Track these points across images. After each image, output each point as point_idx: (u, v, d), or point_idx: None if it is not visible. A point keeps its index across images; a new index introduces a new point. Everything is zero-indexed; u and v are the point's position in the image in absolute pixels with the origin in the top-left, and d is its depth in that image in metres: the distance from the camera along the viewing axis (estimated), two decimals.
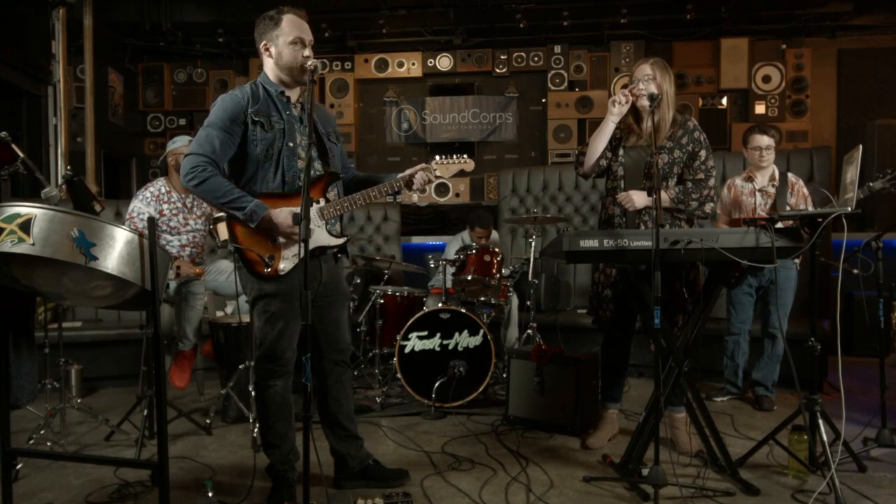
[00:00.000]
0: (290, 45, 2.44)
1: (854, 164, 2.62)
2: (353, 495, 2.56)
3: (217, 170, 2.37)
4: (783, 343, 3.82)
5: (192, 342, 3.88)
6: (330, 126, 2.67)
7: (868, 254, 3.24)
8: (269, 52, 2.48)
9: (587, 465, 2.95)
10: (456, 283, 4.25)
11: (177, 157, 3.84)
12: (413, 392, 3.88)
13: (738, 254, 2.53)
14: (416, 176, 2.54)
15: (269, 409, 2.53)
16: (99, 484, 2.75)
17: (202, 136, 2.38)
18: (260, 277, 2.43)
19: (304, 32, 2.47)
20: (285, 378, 2.53)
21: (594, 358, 3.56)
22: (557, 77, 7.11)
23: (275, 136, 2.45)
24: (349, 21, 6.82)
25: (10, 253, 1.87)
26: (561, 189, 5.76)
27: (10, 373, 2.46)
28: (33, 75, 5.43)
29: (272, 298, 2.45)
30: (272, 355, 2.48)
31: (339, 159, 2.68)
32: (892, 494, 2.61)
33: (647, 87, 2.93)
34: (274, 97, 2.49)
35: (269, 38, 2.47)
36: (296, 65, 2.44)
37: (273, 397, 2.52)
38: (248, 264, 2.43)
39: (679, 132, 3.01)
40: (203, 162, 2.34)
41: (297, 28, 2.46)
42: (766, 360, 3.89)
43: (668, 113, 3.00)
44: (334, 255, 2.64)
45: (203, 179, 2.33)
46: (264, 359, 2.49)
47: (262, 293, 2.46)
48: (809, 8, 6.36)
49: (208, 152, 2.36)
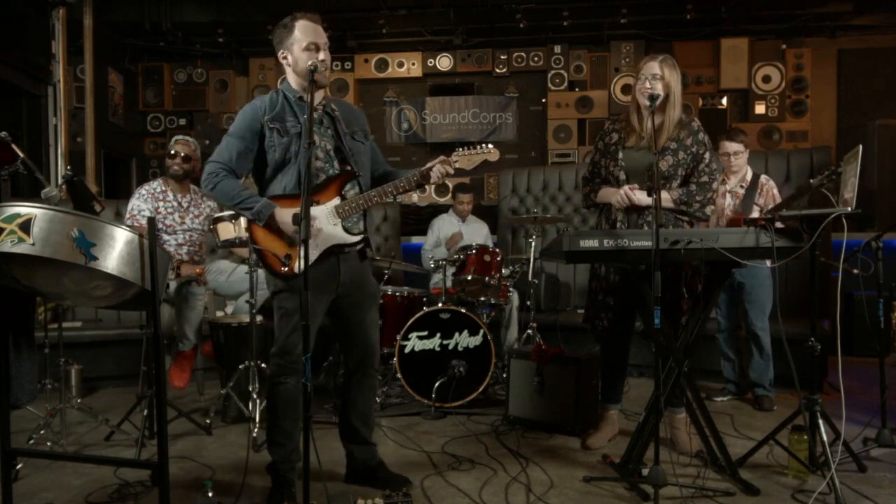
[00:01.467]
0: (304, 50, 2.48)
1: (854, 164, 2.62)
2: (354, 495, 2.56)
3: (232, 175, 2.49)
4: (767, 341, 3.84)
5: (193, 342, 3.88)
6: (357, 125, 2.69)
7: (868, 254, 3.24)
8: (286, 61, 2.54)
9: (587, 465, 2.95)
10: (456, 283, 4.25)
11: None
12: (413, 392, 3.88)
13: (738, 254, 2.53)
14: (434, 169, 2.54)
15: (279, 406, 2.55)
16: (99, 484, 2.75)
17: (222, 145, 2.52)
18: (277, 276, 2.51)
19: (318, 36, 2.50)
20: (297, 376, 2.54)
21: (594, 358, 3.56)
22: (557, 77, 7.11)
23: (291, 140, 2.50)
24: (349, 21, 6.82)
25: (10, 253, 1.87)
26: (561, 189, 5.76)
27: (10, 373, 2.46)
28: (33, 75, 5.43)
29: (287, 295, 2.51)
30: (284, 351, 2.52)
31: (368, 157, 2.71)
32: (892, 494, 2.61)
33: (653, 87, 2.88)
34: (292, 102, 2.54)
35: (284, 46, 2.52)
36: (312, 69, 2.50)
37: (283, 394, 2.54)
38: (267, 264, 2.51)
39: (683, 133, 2.98)
40: (218, 168, 2.48)
41: (311, 33, 2.49)
42: (756, 360, 3.89)
43: (675, 112, 2.97)
44: (360, 253, 2.64)
45: (216, 184, 2.47)
46: (277, 354, 2.54)
47: (278, 289, 2.53)
48: (809, 8, 6.37)
49: (224, 160, 2.49)
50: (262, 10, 6.40)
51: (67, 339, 3.83)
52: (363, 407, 2.73)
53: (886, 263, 3.25)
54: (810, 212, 2.67)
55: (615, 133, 3.07)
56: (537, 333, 4.39)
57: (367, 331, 2.68)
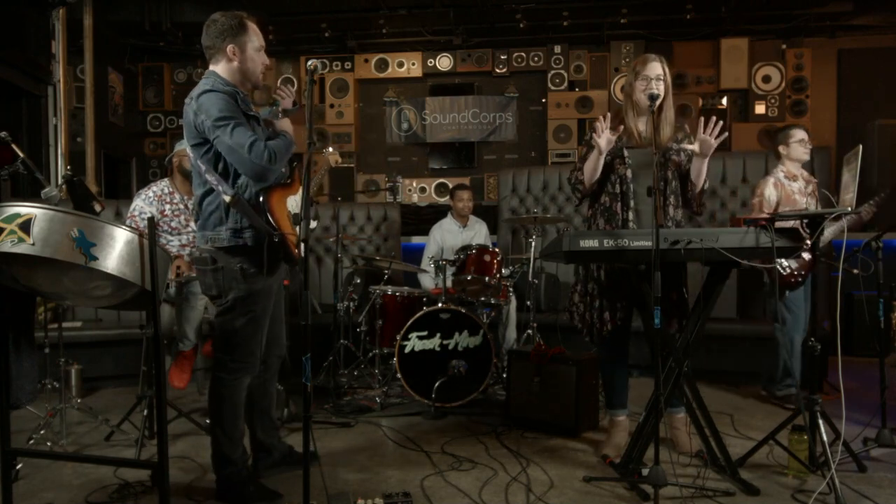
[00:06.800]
0: (257, 51, 2.53)
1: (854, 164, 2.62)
2: (353, 495, 2.56)
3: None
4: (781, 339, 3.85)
5: (193, 342, 3.88)
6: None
7: (868, 254, 3.24)
8: (234, 55, 2.49)
9: (587, 465, 2.95)
10: (456, 283, 4.25)
11: (182, 159, 3.84)
12: (413, 392, 3.88)
13: (738, 254, 2.53)
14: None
15: (237, 410, 2.57)
16: (99, 484, 2.75)
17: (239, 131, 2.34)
18: (293, 262, 2.54)
19: (263, 40, 2.60)
20: (251, 375, 2.61)
21: (594, 358, 3.55)
22: (557, 77, 7.11)
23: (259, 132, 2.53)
24: (349, 21, 6.82)
25: (11, 253, 1.87)
26: (561, 189, 5.75)
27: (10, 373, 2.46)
28: (33, 75, 5.42)
29: (258, 297, 2.51)
30: (249, 352, 2.55)
31: None
32: (892, 494, 2.61)
33: (657, 87, 2.87)
34: (239, 99, 2.49)
35: (237, 41, 2.49)
36: (259, 71, 2.57)
37: (239, 395, 2.57)
38: (288, 250, 2.49)
39: (680, 134, 3.00)
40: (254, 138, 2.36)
41: (260, 36, 2.57)
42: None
43: (671, 112, 2.98)
44: None
45: (270, 153, 2.37)
46: (241, 356, 2.54)
47: (250, 293, 2.50)
48: (809, 8, 6.37)
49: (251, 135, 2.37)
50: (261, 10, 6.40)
51: (67, 339, 3.83)
52: (275, 394, 2.89)
53: (886, 263, 3.25)
54: (810, 212, 2.67)
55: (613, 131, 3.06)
56: (537, 333, 4.39)
57: (282, 323, 2.80)
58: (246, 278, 2.47)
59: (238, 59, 2.49)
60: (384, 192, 6.90)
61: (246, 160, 2.34)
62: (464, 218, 5.21)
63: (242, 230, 2.46)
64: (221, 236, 2.46)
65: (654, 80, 2.88)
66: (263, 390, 2.77)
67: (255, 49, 2.52)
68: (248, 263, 2.48)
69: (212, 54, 2.52)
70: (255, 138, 2.36)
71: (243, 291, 2.49)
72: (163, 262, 2.16)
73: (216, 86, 2.43)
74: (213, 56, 2.51)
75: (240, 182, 2.46)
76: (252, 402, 2.73)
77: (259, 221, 2.42)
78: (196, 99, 2.41)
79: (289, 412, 3.57)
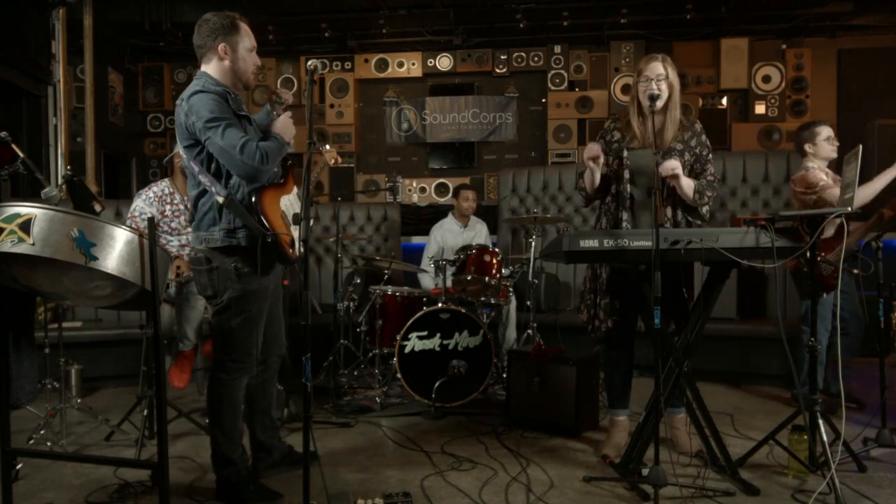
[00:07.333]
0: (249, 52, 2.54)
1: (854, 164, 2.62)
2: (353, 495, 2.56)
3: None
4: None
5: (193, 342, 3.88)
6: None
7: (868, 254, 3.24)
8: (226, 54, 2.50)
9: (587, 465, 2.95)
10: (456, 283, 4.25)
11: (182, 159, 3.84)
12: (413, 392, 3.88)
13: (738, 254, 2.53)
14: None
15: (235, 410, 2.57)
16: (99, 484, 2.75)
17: (230, 132, 2.34)
18: (290, 262, 2.55)
19: (255, 41, 2.61)
20: (249, 374, 2.62)
21: (594, 358, 3.56)
22: (557, 77, 7.11)
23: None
24: (349, 21, 6.82)
25: (11, 253, 1.87)
26: (561, 189, 5.76)
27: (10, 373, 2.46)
28: (33, 75, 5.42)
29: (253, 297, 2.52)
30: (246, 353, 2.55)
31: None
32: (892, 494, 2.61)
33: (659, 87, 2.86)
34: (230, 99, 2.49)
35: (228, 41, 2.49)
36: (251, 71, 2.58)
37: (238, 394, 2.57)
38: (282, 250, 2.49)
39: (687, 134, 2.97)
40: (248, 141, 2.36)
41: (252, 36, 2.58)
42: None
43: (676, 112, 2.95)
44: None
45: (262, 154, 2.36)
46: (239, 356, 2.54)
47: (244, 292, 2.50)
48: (809, 8, 6.37)
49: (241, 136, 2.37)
50: (261, 10, 6.40)
51: (67, 339, 3.83)
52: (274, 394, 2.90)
53: (886, 263, 3.25)
54: (810, 212, 2.66)
55: (617, 132, 3.05)
56: (537, 333, 4.39)
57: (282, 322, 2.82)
58: (240, 278, 2.47)
59: (229, 59, 2.49)
60: (384, 192, 6.90)
61: (237, 161, 2.34)
62: (466, 218, 5.21)
63: (236, 230, 2.46)
64: (215, 237, 2.47)
65: (654, 80, 2.88)
66: (263, 390, 2.77)
67: (247, 49, 2.52)
68: (242, 263, 2.47)
69: (203, 53, 2.52)
70: (247, 139, 2.36)
71: (238, 291, 2.49)
72: (163, 263, 2.16)
73: (207, 87, 2.44)
74: (205, 55, 2.52)
75: (232, 182, 2.46)
76: (252, 401, 2.74)
77: (252, 222, 2.42)
78: (187, 100, 2.41)
79: (289, 412, 3.57)
